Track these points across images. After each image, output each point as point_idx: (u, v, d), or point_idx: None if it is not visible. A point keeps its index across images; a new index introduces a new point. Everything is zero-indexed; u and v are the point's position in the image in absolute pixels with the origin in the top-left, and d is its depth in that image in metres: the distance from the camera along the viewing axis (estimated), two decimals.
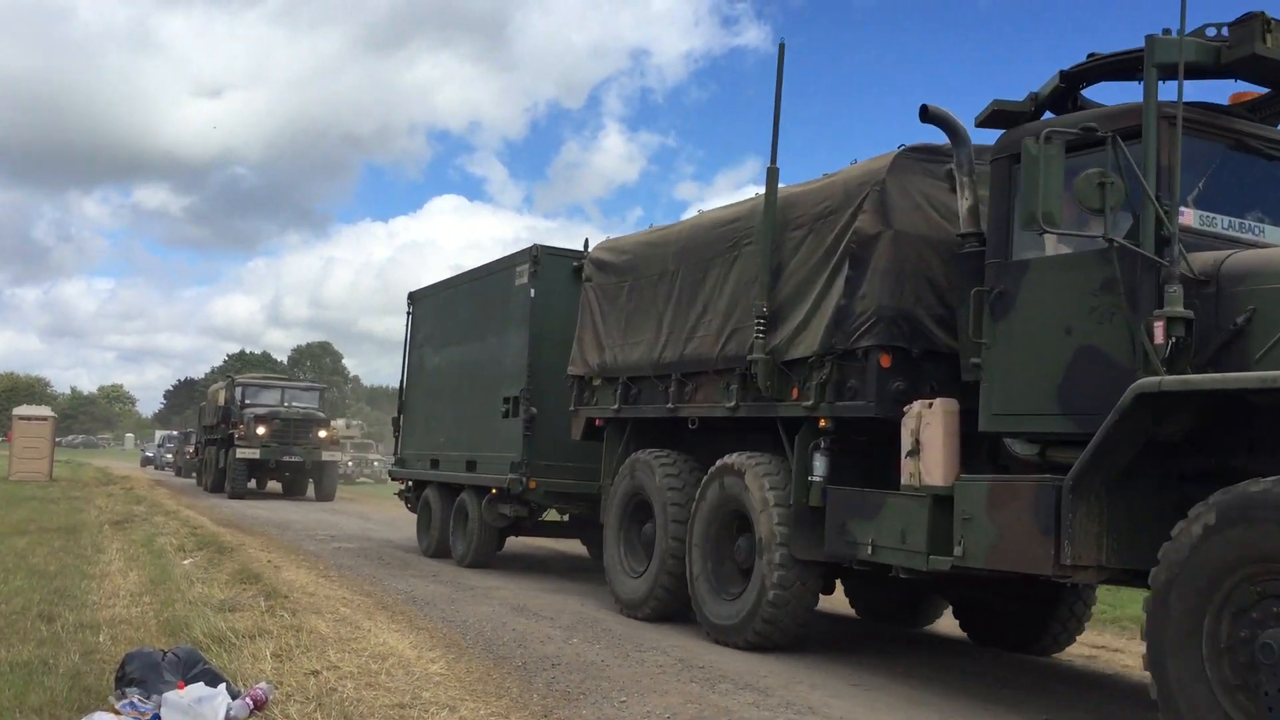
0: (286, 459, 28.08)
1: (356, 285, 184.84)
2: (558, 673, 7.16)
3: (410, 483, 15.89)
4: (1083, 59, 6.71)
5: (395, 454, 16.86)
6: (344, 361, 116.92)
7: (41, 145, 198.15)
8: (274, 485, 31.44)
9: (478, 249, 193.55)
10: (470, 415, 13.75)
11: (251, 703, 5.54)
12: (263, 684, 5.87)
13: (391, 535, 18.00)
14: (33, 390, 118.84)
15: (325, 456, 28.98)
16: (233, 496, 27.47)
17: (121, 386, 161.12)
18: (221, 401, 30.62)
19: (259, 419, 28.14)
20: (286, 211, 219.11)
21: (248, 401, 30.02)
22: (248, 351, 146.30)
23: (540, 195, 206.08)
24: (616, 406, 10.41)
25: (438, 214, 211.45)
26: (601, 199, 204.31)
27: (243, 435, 27.77)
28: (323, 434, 29.03)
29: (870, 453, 7.87)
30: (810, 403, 7.93)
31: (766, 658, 8.11)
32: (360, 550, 15.02)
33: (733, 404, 8.81)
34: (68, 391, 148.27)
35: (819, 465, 7.89)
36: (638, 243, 10.83)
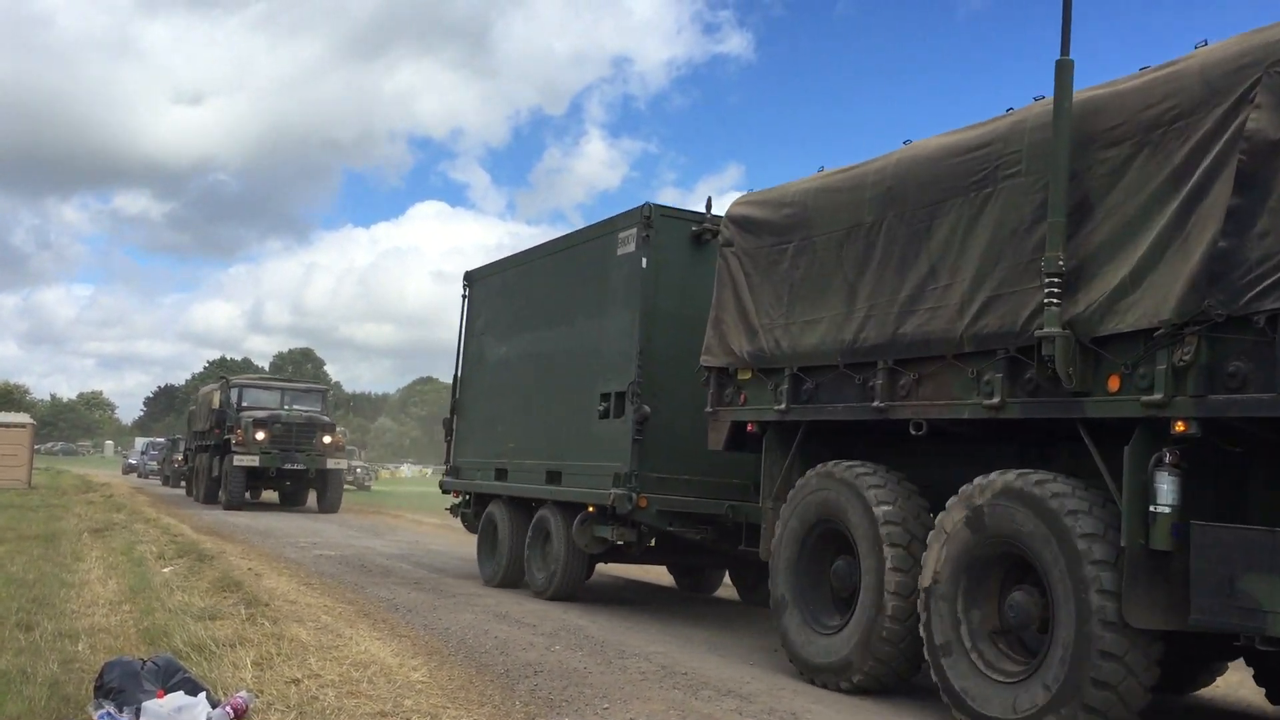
0: (288, 467, 25.73)
1: (338, 291, 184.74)
2: (540, 680, 7.16)
3: (465, 496, 13.73)
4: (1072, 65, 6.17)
5: (446, 461, 14.50)
6: (325, 368, 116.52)
7: (21, 152, 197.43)
8: (269, 495, 29.44)
9: (460, 255, 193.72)
10: (552, 416, 11.61)
11: (232, 711, 5.51)
12: (243, 693, 5.84)
13: (375, 543, 17.93)
14: (11, 397, 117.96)
15: (330, 464, 26.52)
16: (229, 508, 25.18)
17: (101, 393, 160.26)
18: (216, 404, 28.01)
19: (258, 423, 25.77)
20: (267, 218, 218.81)
21: (245, 404, 27.50)
22: (228, 358, 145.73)
23: (522, 202, 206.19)
24: (783, 406, 8.12)
25: (419, 220, 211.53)
26: (584, 205, 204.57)
27: (240, 441, 25.35)
28: (327, 439, 26.55)
29: (1244, 472, 5.89)
30: (1156, 397, 5.53)
31: (750, 665, 8.12)
32: (341, 558, 14.95)
33: (995, 401, 6.42)
34: (47, 398, 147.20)
35: (1166, 490, 5.54)
36: (808, 190, 8.32)
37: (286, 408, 27.65)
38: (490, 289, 13.77)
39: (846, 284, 7.67)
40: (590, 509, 10.36)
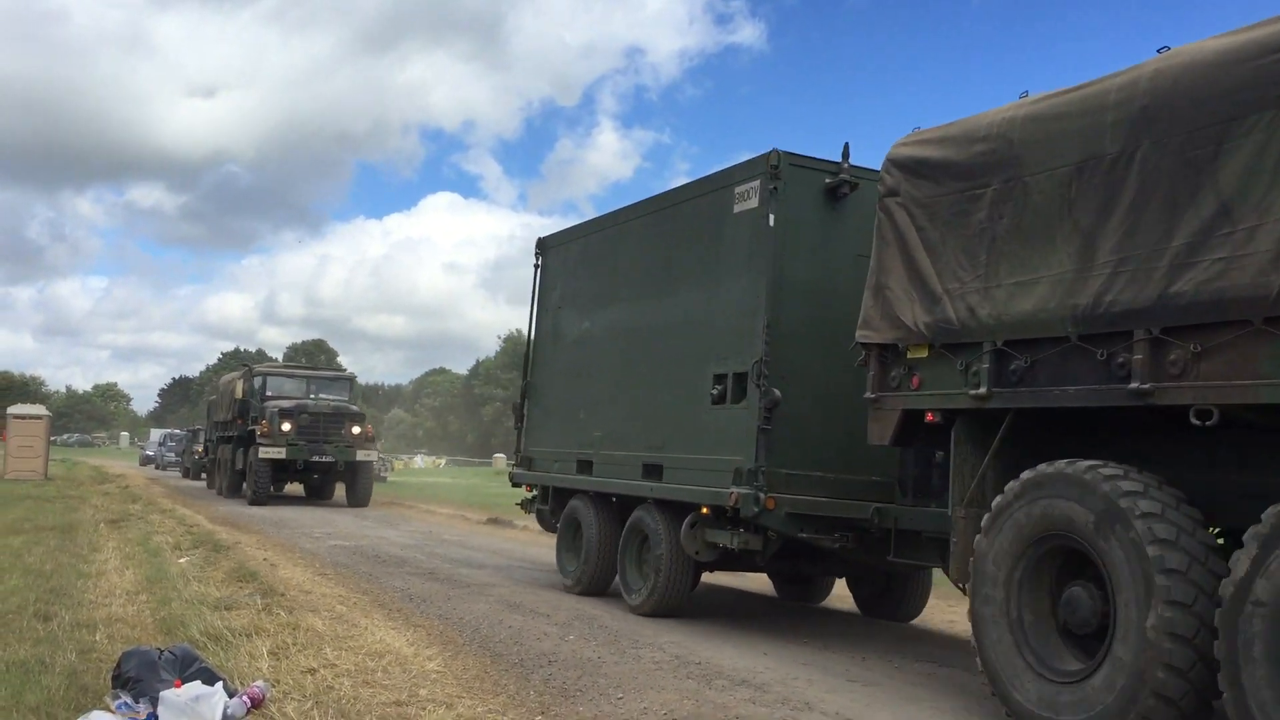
0: (316, 459, 24.28)
1: (351, 283, 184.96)
2: (554, 669, 7.18)
3: (540, 490, 12.27)
4: (1081, 49, 5.75)
5: (517, 451, 12.96)
6: (339, 359, 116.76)
7: (36, 145, 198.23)
8: (292, 488, 27.73)
9: (473, 246, 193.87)
10: (650, 401, 10.13)
11: (249, 701, 5.55)
12: (259, 682, 5.88)
13: (389, 533, 17.98)
14: (27, 389, 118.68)
15: (360, 456, 24.97)
16: (254, 502, 23.97)
17: (116, 385, 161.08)
18: (239, 394, 26.58)
19: (284, 414, 24.36)
20: (281, 210, 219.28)
21: (269, 393, 26.21)
22: (242, 349, 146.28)
23: (534, 193, 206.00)
24: (981, 390, 6.51)
25: (432, 211, 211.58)
26: (596, 196, 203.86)
27: (265, 432, 24.13)
28: (356, 430, 25.09)
29: None
30: None
31: (764, 655, 8.13)
32: (356, 548, 15.01)
33: None
34: (62, 390, 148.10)
35: None
36: (1011, 120, 6.68)
37: (313, 397, 26.42)
38: (568, 257, 12.15)
39: (1079, 233, 6.08)
40: (704, 510, 8.96)
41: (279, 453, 23.82)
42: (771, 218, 8.57)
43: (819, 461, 8.57)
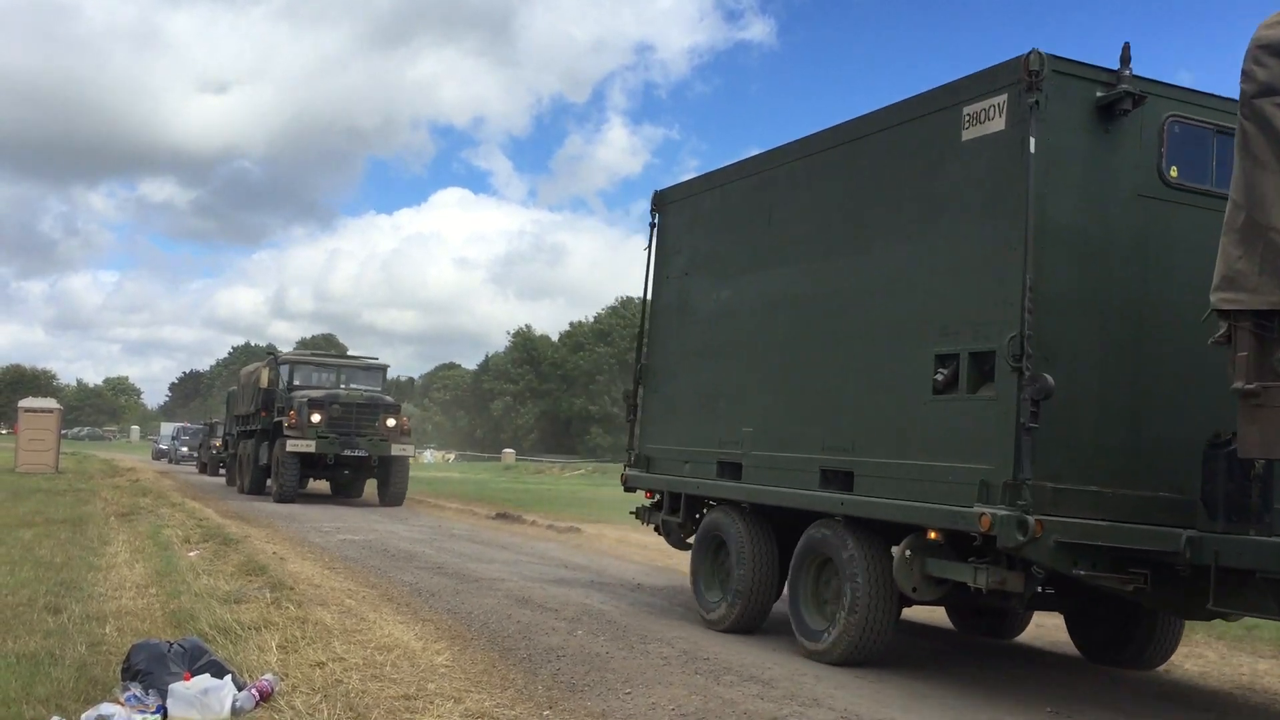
0: (348, 453, 22.47)
1: (361, 278, 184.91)
2: (562, 664, 7.18)
3: (662, 496, 10.23)
4: (1092, 49, 5.02)
5: (629, 449, 10.82)
6: (348, 354, 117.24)
7: (49, 140, 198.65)
8: (315, 484, 26.53)
9: (483, 241, 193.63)
10: (831, 387, 7.96)
11: (257, 694, 5.57)
12: (268, 675, 5.90)
13: (398, 528, 18.02)
14: (38, 382, 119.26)
15: (395, 450, 23.11)
16: (281, 500, 22.34)
17: (127, 379, 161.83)
18: (264, 383, 24.67)
19: (313, 404, 22.66)
20: (291, 205, 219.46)
21: (297, 383, 24.50)
22: (252, 344, 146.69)
23: (543, 188, 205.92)
24: None
25: (442, 207, 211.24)
26: (605, 191, 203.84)
27: (293, 424, 22.30)
28: (391, 422, 23.24)
29: None
30: None
31: (772, 651, 8.12)
32: (365, 543, 15.03)
33: None
34: (73, 384, 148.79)
35: None
36: None
37: (343, 386, 24.71)
38: (697, 213, 10.06)
39: None
40: (930, 535, 6.93)
41: (307, 446, 22.04)
42: (1033, 142, 6.38)
43: (1095, 472, 6.52)
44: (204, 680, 5.43)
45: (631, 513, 11.02)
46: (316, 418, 22.41)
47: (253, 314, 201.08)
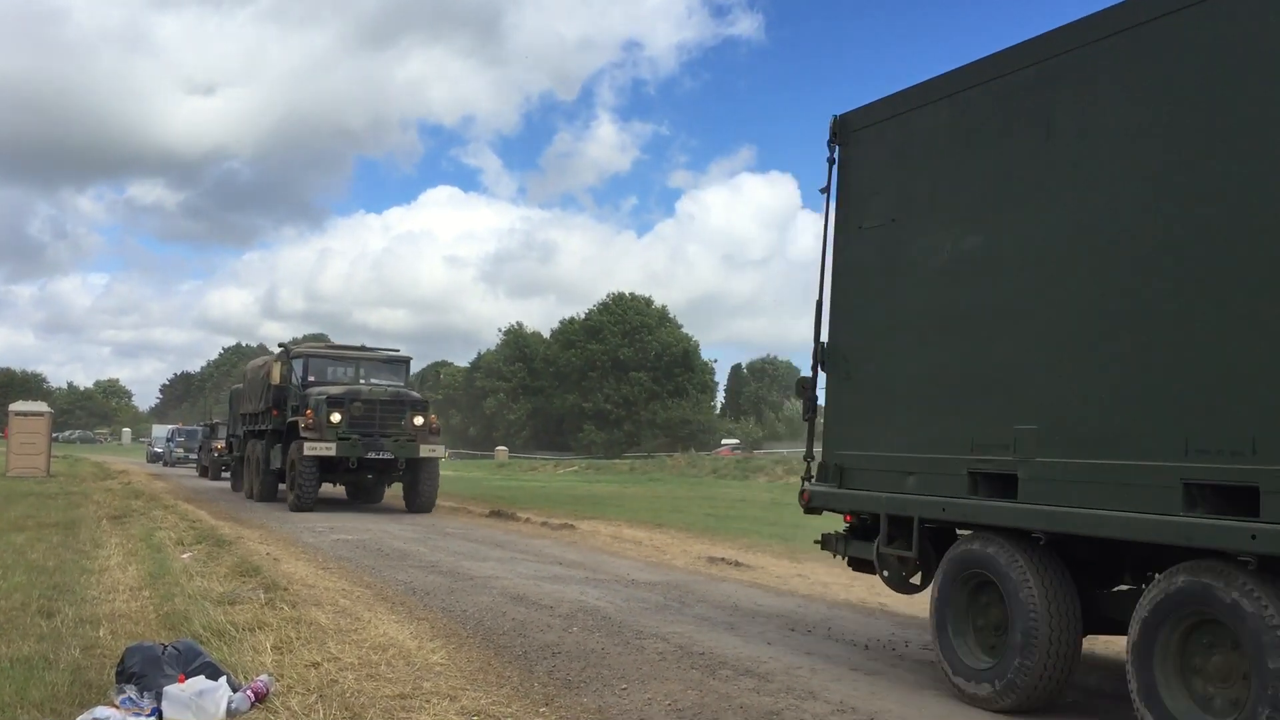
0: (372, 456, 20.41)
1: (351, 277, 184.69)
2: (558, 661, 7.18)
3: (865, 518, 7.75)
4: None
5: (808, 456, 8.33)
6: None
7: (37, 143, 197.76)
8: (327, 488, 23.22)
9: (473, 239, 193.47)
10: (1206, 362, 5.47)
11: (252, 695, 5.56)
12: (263, 676, 5.89)
13: (392, 527, 17.98)
14: (29, 386, 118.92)
15: (424, 451, 21.09)
16: (298, 508, 20.33)
17: (118, 381, 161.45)
18: (276, 379, 22.51)
19: (333, 402, 20.63)
20: (281, 205, 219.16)
21: (312, 379, 22.33)
22: (243, 344, 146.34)
23: (533, 186, 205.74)
24: None
25: (432, 205, 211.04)
26: (594, 188, 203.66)
27: (310, 425, 20.35)
28: (419, 421, 21.27)
29: None
30: None
31: (767, 645, 8.13)
32: (359, 542, 15.01)
33: None
34: (64, 387, 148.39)
35: None
36: None
37: (364, 382, 22.57)
38: (911, 138, 7.60)
39: None
40: None
41: (327, 449, 20.02)
42: None
43: None
44: (199, 682, 5.42)
45: (816, 541, 8.47)
46: (336, 417, 20.44)
47: (243, 315, 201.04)
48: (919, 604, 10.50)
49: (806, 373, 8.42)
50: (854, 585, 11.77)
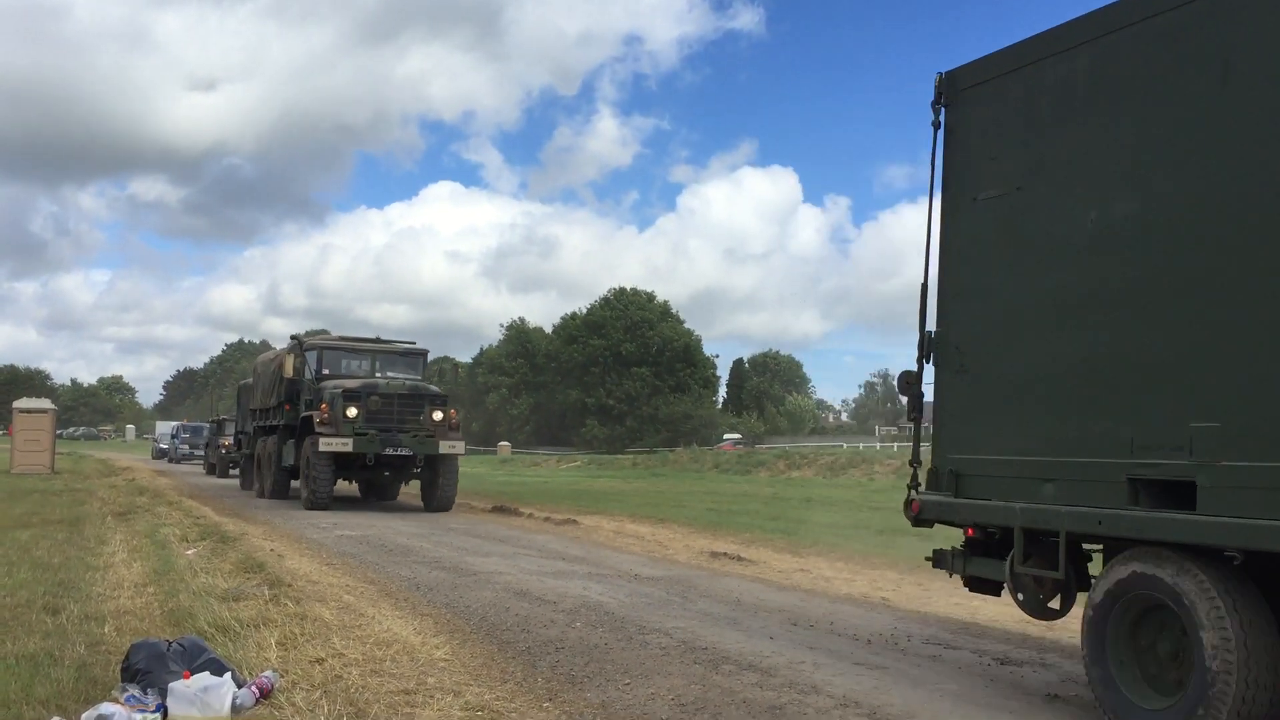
0: (390, 452, 19.82)
1: (353, 273, 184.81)
2: (561, 656, 7.20)
3: (991, 532, 6.74)
4: None
5: (914, 460, 7.60)
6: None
7: (39, 140, 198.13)
8: (342, 485, 22.73)
9: (475, 234, 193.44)
10: None
11: (257, 691, 5.58)
12: (268, 672, 5.91)
13: (395, 523, 18.00)
14: (32, 383, 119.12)
15: (444, 448, 20.34)
16: (313, 506, 19.70)
17: (121, 378, 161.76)
18: (288, 372, 21.68)
19: (349, 396, 19.88)
20: (283, 202, 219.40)
21: (326, 371, 21.60)
22: (245, 341, 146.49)
23: (534, 180, 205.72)
24: None
25: (434, 201, 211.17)
26: (595, 183, 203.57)
27: (325, 420, 19.57)
28: (438, 416, 20.52)
29: None
30: None
31: (770, 640, 8.15)
32: (362, 538, 15.04)
33: None
34: (67, 384, 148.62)
35: None
36: None
37: (379, 375, 21.88)
38: (1038, 92, 6.58)
39: None
40: None
41: (344, 445, 19.28)
42: None
43: None
44: (204, 678, 5.44)
45: (928, 558, 7.35)
46: (353, 411, 19.64)
47: (246, 311, 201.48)
48: (921, 599, 10.56)
49: (914, 368, 7.40)
50: (856, 580, 11.81)
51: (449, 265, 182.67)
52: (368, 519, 18.56)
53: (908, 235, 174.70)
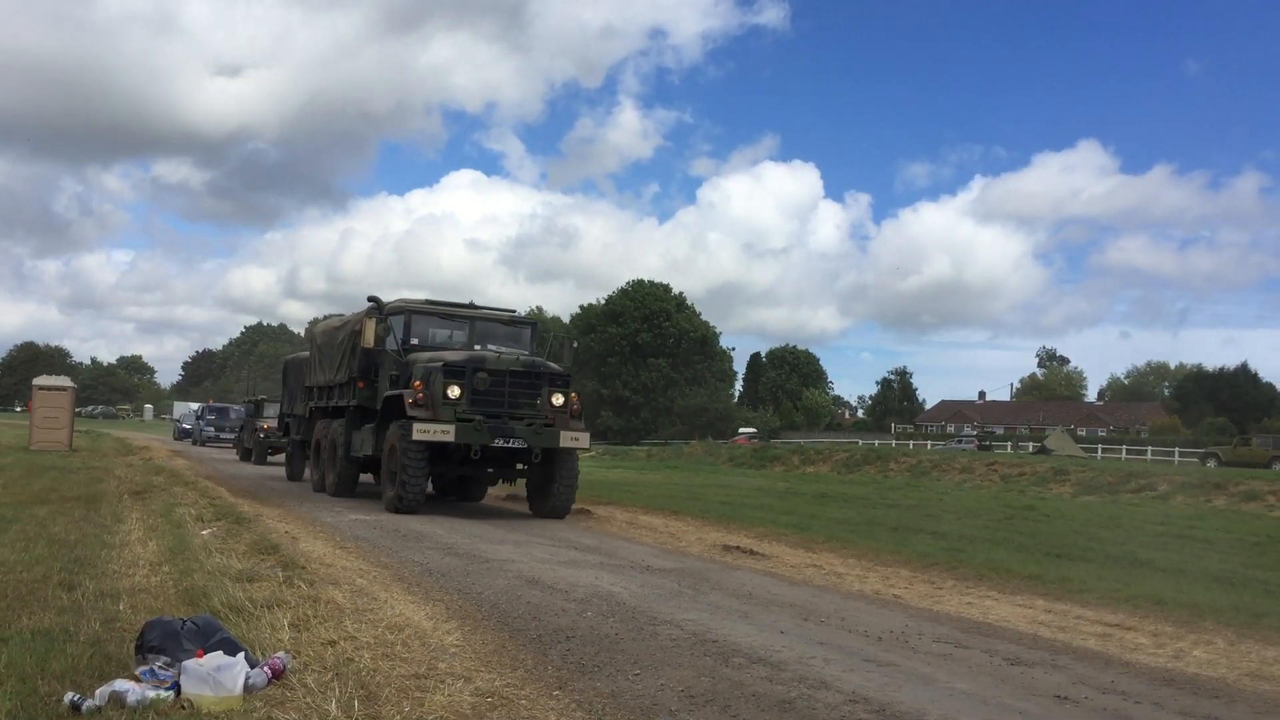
0: (501, 444, 15.87)
1: (373, 258, 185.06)
2: (572, 645, 7.22)
3: None
4: (1099, 31, 5.86)
5: None
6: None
7: (65, 122, 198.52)
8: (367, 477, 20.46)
9: (495, 223, 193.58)
10: None
11: (270, 672, 5.61)
12: (281, 653, 5.94)
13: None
14: (52, 360, 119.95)
15: (567, 441, 16.32)
16: (401, 509, 15.96)
17: (140, 357, 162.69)
18: (369, 341, 17.39)
19: (451, 372, 15.98)
20: (305, 186, 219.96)
21: (415, 341, 17.80)
22: (264, 323, 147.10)
23: (555, 171, 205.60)
24: None
25: (455, 189, 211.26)
26: (616, 174, 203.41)
27: (420, 401, 15.78)
28: (558, 400, 16.51)
29: None
30: None
31: (780, 634, 8.15)
32: (376, 523, 15.09)
33: None
34: (87, 362, 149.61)
35: None
36: None
37: (479, 348, 17.73)
38: None
39: None
40: None
41: (444, 433, 15.46)
42: None
43: None
44: (217, 657, 5.47)
45: None
46: (455, 391, 15.84)
47: (265, 294, 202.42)
48: (933, 597, 10.53)
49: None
50: (868, 576, 11.79)
51: (468, 253, 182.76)
52: (379, 504, 18.60)
53: (928, 234, 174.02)
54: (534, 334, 19.17)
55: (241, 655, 5.60)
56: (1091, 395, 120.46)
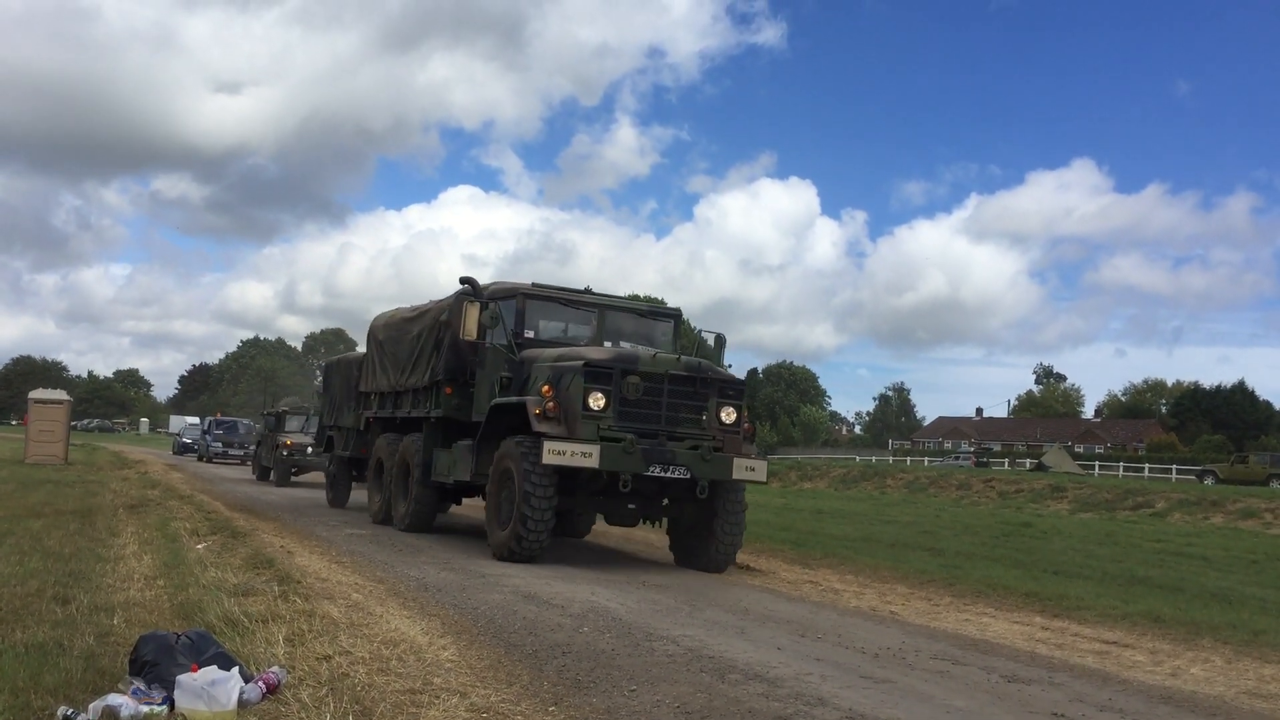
0: (660, 471, 12.01)
1: (371, 273, 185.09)
2: (568, 661, 7.19)
3: None
4: (1093, 52, 6.00)
5: None
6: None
7: (65, 137, 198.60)
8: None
9: (493, 238, 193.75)
10: None
11: (264, 686, 5.59)
12: (275, 668, 5.92)
13: None
14: (49, 374, 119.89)
15: (741, 472, 12.44)
16: (518, 555, 12.32)
17: (137, 371, 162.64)
18: (471, 333, 13.62)
19: (593, 374, 12.14)
20: (304, 202, 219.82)
21: (530, 335, 13.98)
22: (261, 338, 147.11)
23: (552, 187, 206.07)
24: None
25: (452, 204, 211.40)
26: (613, 191, 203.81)
27: (551, 412, 12.02)
28: (728, 416, 12.67)
29: None
30: None
31: (777, 650, 8.13)
32: (372, 537, 15.06)
33: None
34: (84, 376, 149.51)
35: None
36: None
37: (614, 344, 13.92)
38: None
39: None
40: None
41: (586, 456, 11.72)
42: None
43: None
44: (211, 672, 5.45)
45: None
46: (599, 401, 12.08)
47: (262, 308, 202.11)
48: (930, 614, 10.52)
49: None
50: (865, 593, 11.77)
51: (466, 268, 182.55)
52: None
53: (923, 251, 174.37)
54: (677, 329, 14.85)
55: (236, 670, 5.58)
56: (1089, 412, 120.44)
